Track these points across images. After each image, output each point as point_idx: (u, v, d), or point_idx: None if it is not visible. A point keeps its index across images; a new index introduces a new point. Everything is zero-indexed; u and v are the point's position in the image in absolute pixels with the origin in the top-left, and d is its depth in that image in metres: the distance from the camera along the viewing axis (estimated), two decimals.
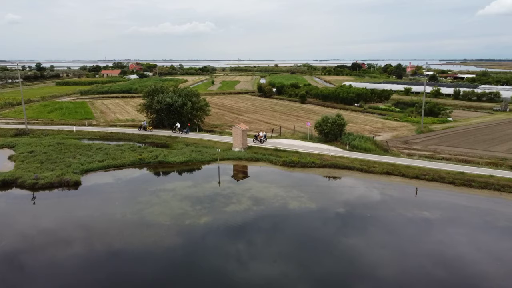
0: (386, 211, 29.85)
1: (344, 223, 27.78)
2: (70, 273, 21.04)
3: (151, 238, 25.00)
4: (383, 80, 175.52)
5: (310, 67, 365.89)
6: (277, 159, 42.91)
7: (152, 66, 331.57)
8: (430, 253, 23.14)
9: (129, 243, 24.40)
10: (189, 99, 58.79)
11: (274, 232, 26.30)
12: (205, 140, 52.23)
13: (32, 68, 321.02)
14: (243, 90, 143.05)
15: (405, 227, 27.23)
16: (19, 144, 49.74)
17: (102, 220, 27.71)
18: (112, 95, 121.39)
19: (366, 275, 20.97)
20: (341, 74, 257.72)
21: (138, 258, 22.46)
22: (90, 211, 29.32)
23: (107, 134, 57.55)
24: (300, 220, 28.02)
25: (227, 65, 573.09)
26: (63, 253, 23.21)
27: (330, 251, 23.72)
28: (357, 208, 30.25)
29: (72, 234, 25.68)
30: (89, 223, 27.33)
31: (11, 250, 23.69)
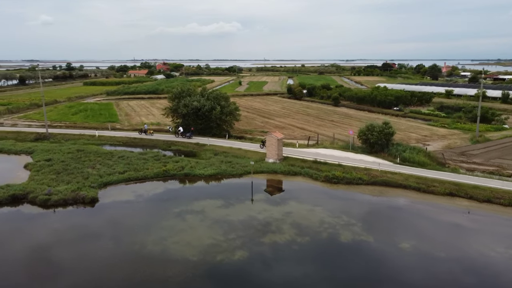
0: (469, 250, 24.17)
1: (416, 265, 22.32)
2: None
3: (175, 280, 20.34)
4: (418, 81, 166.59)
5: (338, 67, 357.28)
6: (318, 173, 37.67)
7: (179, 66, 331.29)
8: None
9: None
10: (218, 102, 54.26)
11: (326, 277, 21.12)
12: (235, 149, 47.48)
13: (62, 68, 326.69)
14: (272, 91, 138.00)
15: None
16: (37, 151, 46.43)
17: (117, 254, 23.24)
18: (138, 96, 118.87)
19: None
20: (372, 74, 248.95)
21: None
22: (103, 240, 24.95)
23: (130, 140, 53.70)
24: (357, 259, 22.75)
25: (253, 65, 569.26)
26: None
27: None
28: (428, 244, 24.68)
29: (79, 278, 21.29)
30: (101, 257, 22.94)
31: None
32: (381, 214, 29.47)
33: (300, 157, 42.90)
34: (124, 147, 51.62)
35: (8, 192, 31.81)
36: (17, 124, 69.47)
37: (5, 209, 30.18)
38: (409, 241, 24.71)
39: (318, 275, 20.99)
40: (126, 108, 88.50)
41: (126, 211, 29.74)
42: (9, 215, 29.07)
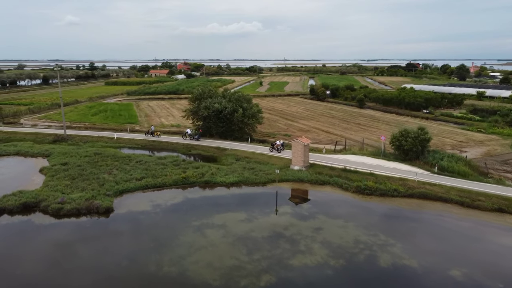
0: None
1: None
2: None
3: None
4: (445, 82, 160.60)
5: (360, 67, 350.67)
6: (348, 183, 34.75)
7: (200, 66, 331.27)
8: None
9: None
10: (240, 104, 51.84)
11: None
12: (258, 154, 44.93)
13: (85, 68, 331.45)
14: (293, 92, 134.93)
15: None
16: (54, 154, 45.03)
17: (130, 275, 21.00)
18: (158, 96, 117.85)
19: None
20: (396, 75, 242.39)
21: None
22: (116, 257, 22.79)
23: (149, 143, 51.84)
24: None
25: (273, 65, 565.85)
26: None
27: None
28: (482, 272, 21.56)
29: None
30: (112, 278, 20.74)
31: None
32: (422, 233, 26.38)
33: (328, 164, 40.01)
34: (143, 150, 49.86)
35: (20, 199, 30.16)
36: (37, 124, 68.84)
37: (16, 218, 28.49)
38: (459, 267, 21.62)
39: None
40: (146, 108, 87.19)
41: (142, 223, 27.56)
42: (19, 226, 27.30)
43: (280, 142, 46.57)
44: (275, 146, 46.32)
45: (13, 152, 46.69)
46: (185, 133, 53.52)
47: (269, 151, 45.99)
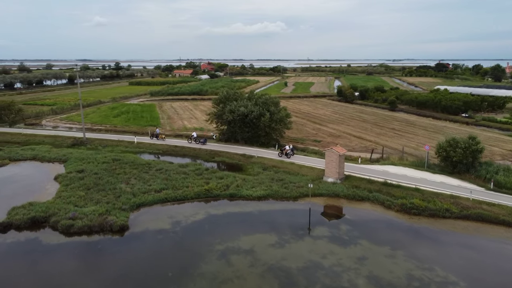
0: None
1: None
2: None
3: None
4: (479, 83, 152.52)
5: (387, 67, 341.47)
6: (391, 200, 30.73)
7: (223, 66, 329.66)
8: None
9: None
10: (267, 108, 48.34)
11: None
12: (287, 163, 41.27)
13: (111, 68, 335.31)
14: (320, 93, 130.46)
15: None
16: (71, 159, 42.71)
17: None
18: (182, 96, 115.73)
19: None
20: (425, 75, 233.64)
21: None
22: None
23: (171, 149, 48.95)
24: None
25: (296, 65, 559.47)
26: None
27: None
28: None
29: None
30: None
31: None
32: (486, 267, 22.20)
33: (365, 177, 36.00)
34: (164, 156, 47.06)
35: (29, 213, 27.59)
36: (58, 126, 67.34)
37: (22, 235, 25.88)
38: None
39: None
40: (169, 110, 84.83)
41: (160, 245, 24.41)
42: (24, 246, 24.56)
43: (289, 147, 44.03)
44: (284, 151, 43.66)
45: (30, 156, 44.70)
46: (190, 136, 51.19)
47: (278, 156, 43.59)
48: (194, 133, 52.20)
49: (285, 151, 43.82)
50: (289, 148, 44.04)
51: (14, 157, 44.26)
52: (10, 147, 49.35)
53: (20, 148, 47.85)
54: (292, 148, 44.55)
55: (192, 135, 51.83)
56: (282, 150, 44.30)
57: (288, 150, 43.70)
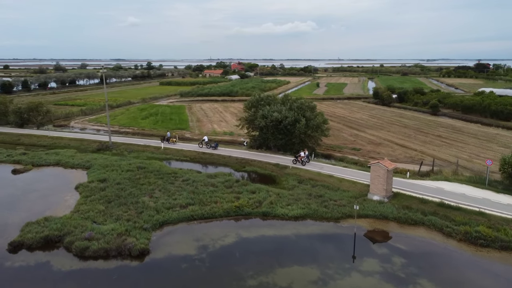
0: None
1: None
2: None
3: None
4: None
5: (423, 67, 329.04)
6: (451, 226, 26.30)
7: (254, 66, 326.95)
8: None
9: None
10: (302, 113, 44.55)
11: None
12: (325, 176, 37.27)
13: (143, 67, 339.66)
14: (354, 94, 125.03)
15: None
16: (95, 166, 40.42)
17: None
18: (211, 98, 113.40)
19: None
20: (464, 76, 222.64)
21: None
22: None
23: (199, 156, 45.94)
24: None
25: (327, 64, 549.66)
26: None
27: None
28: None
29: None
30: None
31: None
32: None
33: (417, 195, 31.57)
34: (192, 163, 44.19)
35: (42, 231, 25.04)
36: (86, 128, 65.96)
37: (33, 257, 23.27)
38: None
39: None
40: (198, 112, 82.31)
41: (183, 277, 21.18)
42: (33, 272, 21.86)
43: (305, 154, 40.75)
44: (299, 158, 40.38)
45: (53, 162, 42.80)
46: (201, 141, 49.02)
47: (292, 163, 40.51)
48: (205, 137, 49.61)
49: (300, 158, 40.35)
50: (305, 155, 40.63)
51: (38, 162, 42.49)
52: (35, 150, 47.84)
53: (45, 152, 46.17)
54: (307, 155, 41.13)
55: (203, 139, 49.28)
56: (297, 156, 40.79)
57: (304, 157, 40.37)
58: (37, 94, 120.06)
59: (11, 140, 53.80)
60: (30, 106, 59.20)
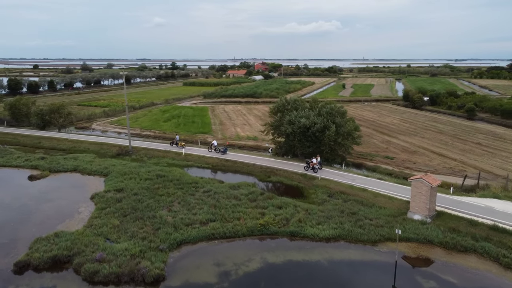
0: None
1: None
2: None
3: None
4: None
5: (452, 68, 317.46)
6: (509, 255, 22.82)
7: (277, 66, 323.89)
8: None
9: None
10: (332, 119, 41.47)
11: None
12: (358, 189, 34.11)
13: (167, 67, 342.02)
14: (382, 96, 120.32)
15: None
16: (112, 174, 38.57)
17: None
18: (235, 99, 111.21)
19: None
20: (497, 77, 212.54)
21: None
22: None
23: (221, 163, 43.48)
24: None
25: (352, 65, 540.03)
26: None
27: None
28: None
29: None
30: None
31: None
32: None
33: (464, 215, 28.08)
34: (214, 170, 41.83)
35: (51, 250, 23.02)
36: (107, 130, 64.69)
37: (39, 280, 21.28)
38: None
39: None
40: (221, 114, 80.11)
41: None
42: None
43: (317, 160, 38.90)
44: (311, 164, 38.63)
45: (71, 167, 41.24)
46: (210, 145, 47.84)
47: (304, 170, 38.98)
48: (214, 141, 48.51)
49: (312, 164, 38.43)
50: (317, 161, 38.70)
51: (55, 167, 41.02)
52: (54, 154, 46.58)
53: (63, 157, 44.77)
54: (319, 162, 39.17)
55: (212, 143, 48.08)
56: (308, 163, 38.94)
57: (315, 164, 38.47)
58: (62, 94, 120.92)
59: (31, 143, 52.87)
60: (52, 108, 58.25)
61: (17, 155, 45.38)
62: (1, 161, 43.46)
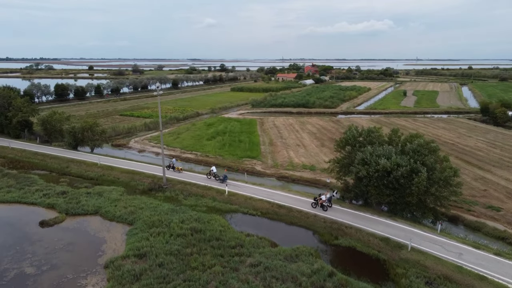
0: None
1: None
2: None
3: None
4: None
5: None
6: None
7: (328, 68, 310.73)
8: None
9: None
10: (421, 159, 31.16)
11: None
12: (471, 274, 23.62)
13: (216, 69, 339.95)
14: (453, 108, 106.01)
15: None
16: (138, 223, 30.95)
17: None
18: (285, 109, 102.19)
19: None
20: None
21: None
22: None
23: (274, 210, 34.40)
24: None
25: (405, 66, 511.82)
26: None
27: None
28: None
29: None
30: None
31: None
32: None
33: None
34: (264, 220, 33.06)
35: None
36: (145, 150, 57.92)
37: None
38: None
39: None
40: (271, 130, 71.25)
41: None
42: None
43: (326, 197, 33.59)
44: (319, 201, 33.49)
45: (92, 209, 34.12)
46: (209, 171, 42.16)
47: (312, 206, 33.92)
48: (213, 167, 42.81)
49: (320, 202, 33.34)
50: (326, 198, 33.41)
51: (74, 209, 34.09)
52: (78, 186, 40.06)
53: (87, 192, 37.94)
54: (329, 198, 33.77)
55: (211, 169, 42.31)
56: (316, 200, 33.73)
57: (325, 201, 33.22)
58: (108, 101, 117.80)
59: (59, 168, 46.88)
60: (84, 126, 52.18)
61: (37, 187, 39.18)
62: (17, 195, 37.33)
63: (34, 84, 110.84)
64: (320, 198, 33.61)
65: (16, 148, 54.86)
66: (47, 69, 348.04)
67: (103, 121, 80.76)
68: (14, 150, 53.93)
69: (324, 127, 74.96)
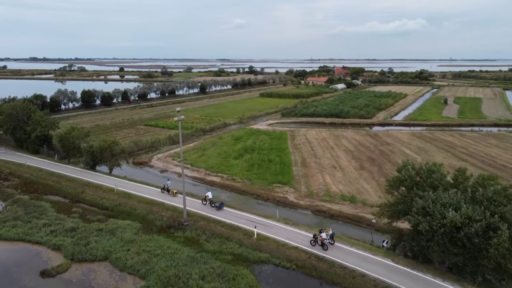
0: None
1: None
2: None
3: None
4: None
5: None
6: None
7: (359, 70, 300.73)
8: None
9: None
10: (499, 212, 24.88)
11: None
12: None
13: (245, 71, 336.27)
14: (503, 120, 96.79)
15: None
16: (151, 278, 26.21)
17: None
18: (317, 119, 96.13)
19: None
20: None
21: None
22: None
23: (312, 263, 28.65)
24: None
25: (439, 67, 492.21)
26: None
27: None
28: None
29: None
30: None
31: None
32: None
33: None
34: (300, 276, 27.59)
35: None
36: (167, 170, 53.52)
37: None
38: None
39: None
40: (303, 147, 65.53)
41: None
42: None
43: (327, 234, 30.46)
44: (319, 239, 30.17)
45: (101, 254, 29.70)
46: (205, 197, 39.50)
47: (311, 244, 30.55)
48: (209, 193, 39.77)
49: (320, 239, 29.93)
50: (327, 236, 30.30)
51: (82, 252, 29.81)
52: (91, 219, 35.94)
53: (98, 229, 33.59)
54: (331, 235, 30.72)
55: (206, 195, 39.48)
56: (316, 237, 30.45)
57: (326, 239, 30.02)
58: (134, 107, 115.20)
59: (73, 193, 43.05)
60: (102, 146, 48.25)
61: (45, 221, 35.19)
62: (23, 231, 33.45)
63: (61, 91, 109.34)
64: (321, 235, 30.11)
65: (32, 166, 51.67)
66: (79, 70, 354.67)
67: (127, 132, 77.45)
68: (30, 169, 50.71)
69: (361, 143, 68.56)
